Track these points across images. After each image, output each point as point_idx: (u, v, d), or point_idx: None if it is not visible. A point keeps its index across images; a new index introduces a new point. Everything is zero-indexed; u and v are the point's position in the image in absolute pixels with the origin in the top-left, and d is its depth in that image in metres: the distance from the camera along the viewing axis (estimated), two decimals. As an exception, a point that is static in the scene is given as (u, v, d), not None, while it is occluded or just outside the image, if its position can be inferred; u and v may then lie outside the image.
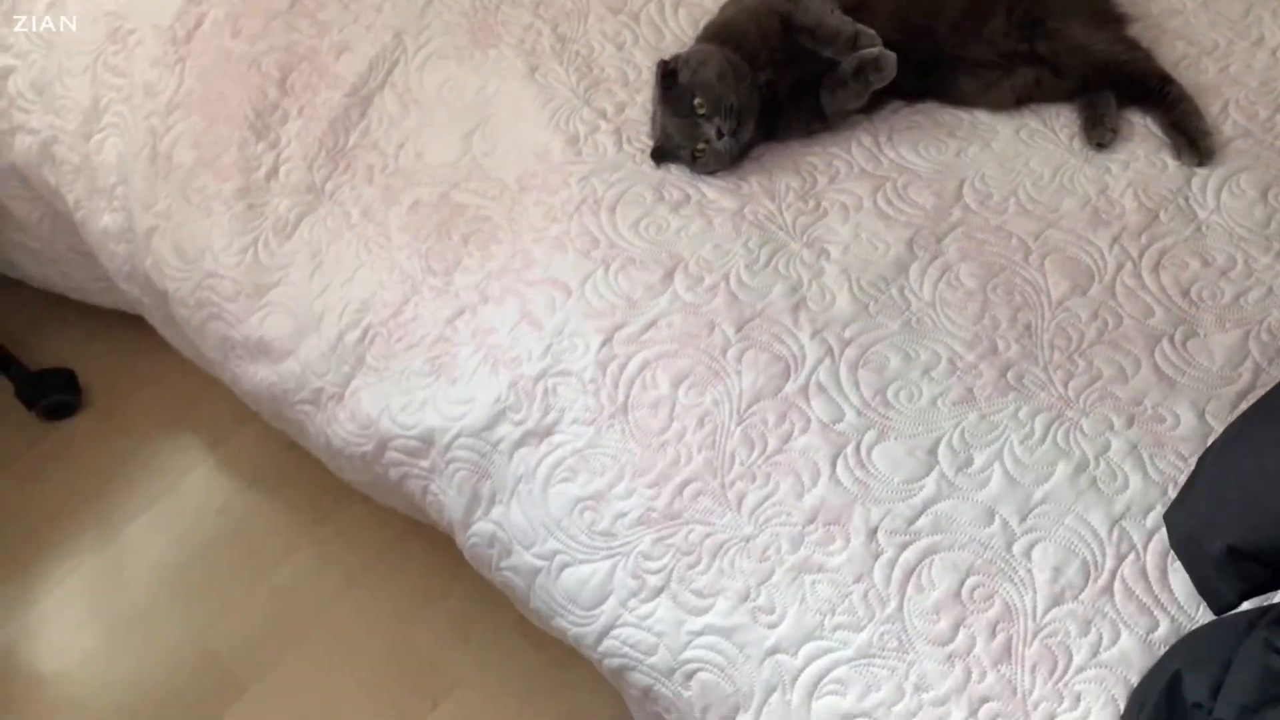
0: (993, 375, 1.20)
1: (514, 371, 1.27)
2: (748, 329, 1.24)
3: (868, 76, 1.33)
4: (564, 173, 1.38)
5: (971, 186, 1.35)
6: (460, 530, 1.33)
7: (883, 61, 1.33)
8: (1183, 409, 1.17)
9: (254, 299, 1.43)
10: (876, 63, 1.33)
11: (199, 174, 1.47)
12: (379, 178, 1.44)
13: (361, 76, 1.49)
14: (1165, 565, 1.08)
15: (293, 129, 1.48)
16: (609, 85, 1.46)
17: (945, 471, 1.15)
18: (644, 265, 1.29)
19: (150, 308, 1.61)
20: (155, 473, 1.76)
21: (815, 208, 1.34)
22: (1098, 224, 1.30)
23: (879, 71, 1.33)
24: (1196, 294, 1.25)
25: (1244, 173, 1.34)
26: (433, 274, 1.36)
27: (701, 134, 1.33)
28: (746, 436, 1.19)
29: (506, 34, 1.51)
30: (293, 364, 1.41)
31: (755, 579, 1.13)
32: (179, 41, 1.52)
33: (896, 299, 1.26)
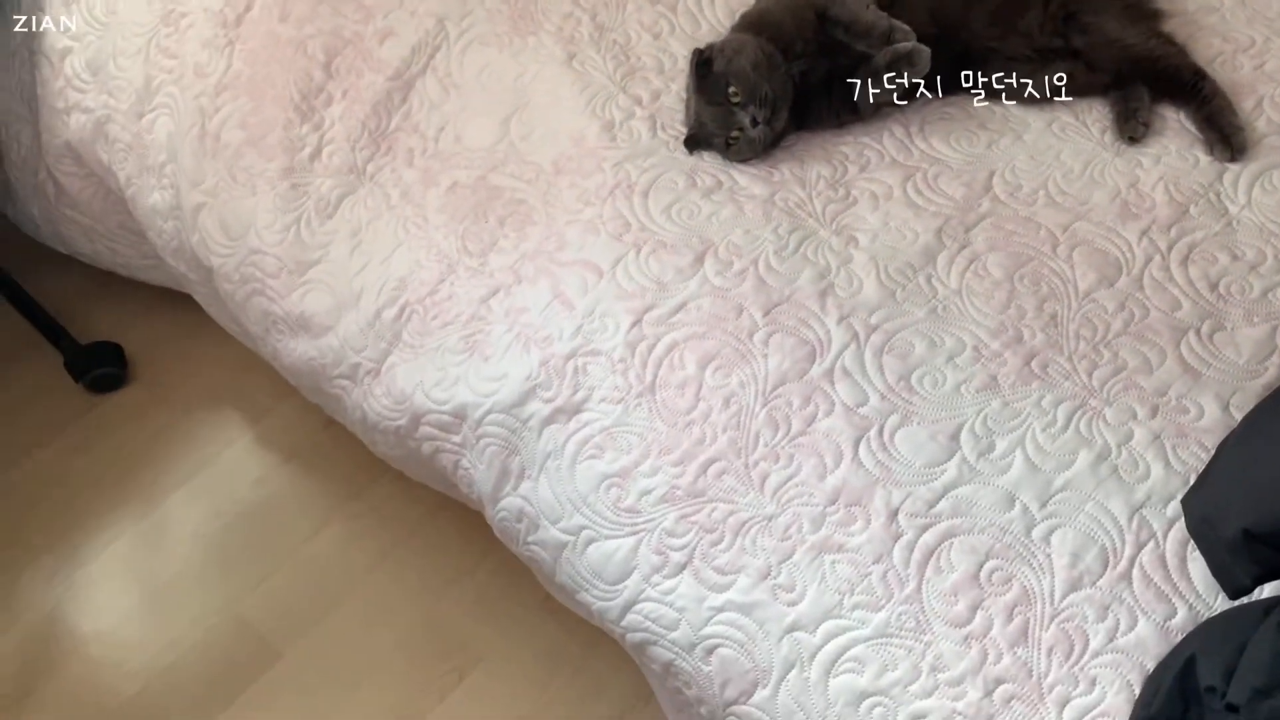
0: (1017, 363, 1.21)
1: (545, 350, 1.30)
2: (775, 313, 1.26)
3: (902, 70, 1.35)
4: (598, 158, 1.41)
5: (1001, 178, 1.36)
6: (489, 504, 1.36)
7: (916, 56, 1.34)
8: (1207, 401, 1.17)
9: (296, 275, 1.47)
10: (910, 57, 1.34)
11: (245, 153, 1.52)
12: (419, 160, 1.48)
13: (404, 61, 1.53)
14: (1185, 554, 1.09)
15: (336, 111, 1.52)
16: (645, 73, 1.49)
17: (967, 456, 1.16)
18: (675, 249, 1.32)
19: (196, 284, 1.66)
20: (196, 445, 1.81)
21: (845, 196, 1.36)
22: (1127, 217, 1.31)
23: (913, 66, 1.35)
24: (1225, 288, 1.25)
25: (1276, 169, 1.34)
26: (469, 254, 1.39)
27: (736, 122, 1.35)
28: (771, 418, 1.21)
29: (546, 22, 1.54)
30: (332, 339, 1.45)
31: (776, 557, 1.15)
32: (229, 25, 1.57)
33: (923, 287, 1.27)
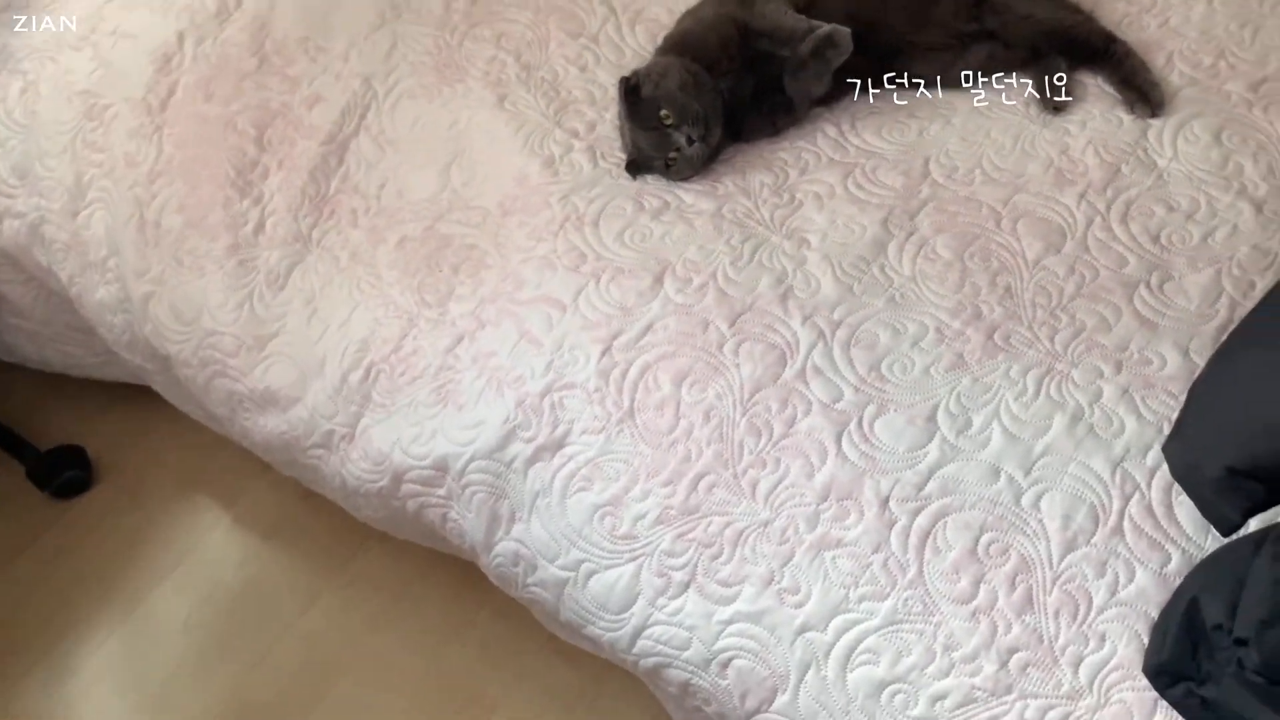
0: (980, 339, 1.24)
1: (519, 390, 1.30)
2: (740, 322, 1.28)
3: (826, 54, 1.38)
4: (544, 193, 1.42)
5: (937, 162, 1.39)
6: (483, 552, 1.35)
7: (837, 37, 1.38)
8: (1167, 349, 1.21)
9: (256, 351, 1.46)
10: (831, 39, 1.38)
11: (188, 236, 1.50)
12: (363, 220, 1.48)
13: (336, 124, 1.53)
14: (1170, 500, 1.11)
15: (274, 183, 1.52)
16: (578, 106, 1.50)
17: (946, 436, 1.18)
18: (633, 273, 1.33)
19: (154, 374, 1.64)
20: (174, 537, 1.78)
21: (790, 200, 1.38)
22: (1063, 183, 1.35)
23: (835, 47, 1.38)
24: (1166, 239, 1.29)
25: (1196, 119, 1.39)
26: (427, 306, 1.39)
27: (672, 143, 1.37)
28: (752, 425, 1.22)
29: (471, 68, 1.55)
30: (301, 410, 1.44)
31: (777, 562, 1.16)
32: (154, 111, 1.56)
33: (879, 277, 1.30)
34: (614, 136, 1.47)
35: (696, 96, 1.38)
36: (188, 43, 1.59)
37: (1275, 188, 1.32)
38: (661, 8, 1.58)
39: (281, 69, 1.57)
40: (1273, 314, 0.90)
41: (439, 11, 1.61)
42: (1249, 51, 1.46)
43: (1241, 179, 1.33)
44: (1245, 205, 1.31)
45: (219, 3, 1.62)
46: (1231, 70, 1.44)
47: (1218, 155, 1.35)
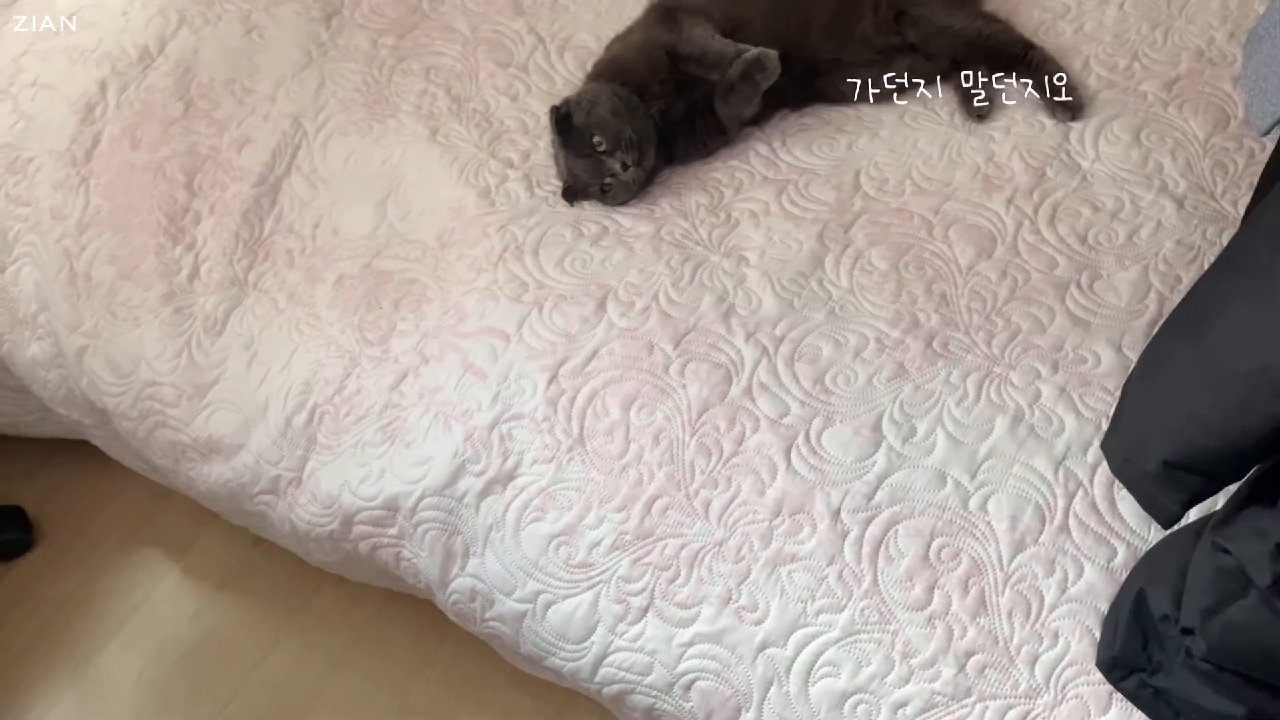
0: (919, 347, 1.25)
1: (467, 424, 1.29)
2: (685, 343, 1.29)
3: (754, 77, 1.40)
4: (482, 224, 1.42)
5: (867, 175, 1.41)
6: (439, 590, 1.34)
7: (765, 60, 1.39)
8: (1100, 347, 1.24)
9: (196, 400, 1.43)
10: (759, 62, 1.39)
11: (121, 287, 1.48)
12: (300, 260, 1.46)
13: (266, 165, 1.52)
14: (1112, 495, 1.14)
15: (207, 227, 1.50)
16: (511, 136, 1.51)
17: (892, 444, 1.20)
18: (576, 300, 1.33)
19: (91, 428, 1.60)
20: (121, 593, 1.74)
21: (727, 219, 1.39)
22: (991, 189, 1.38)
23: (763, 70, 1.40)
24: (1093, 239, 1.33)
25: (1115, 120, 1.43)
26: (369, 344, 1.38)
27: (607, 169, 1.38)
28: (702, 445, 1.22)
29: (402, 103, 1.55)
30: (246, 457, 1.41)
31: (734, 580, 1.17)
32: (79, 162, 1.53)
33: (817, 291, 1.31)
34: (549, 164, 1.47)
35: (629, 121, 1.39)
36: (110, 91, 1.57)
37: (1194, 184, 1.36)
38: (589, 34, 1.59)
39: (208, 112, 1.55)
40: (1197, 308, 0.92)
41: (366, 47, 1.61)
42: (1160, 52, 1.50)
43: (1162, 176, 1.37)
44: (1167, 202, 1.34)
45: (140, 49, 1.60)
46: (1145, 71, 1.48)
47: (1138, 154, 1.39)
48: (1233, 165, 1.37)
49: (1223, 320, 0.85)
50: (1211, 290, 0.90)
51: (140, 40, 1.60)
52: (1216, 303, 0.86)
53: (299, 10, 1.64)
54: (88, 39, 1.61)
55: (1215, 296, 0.88)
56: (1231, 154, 1.38)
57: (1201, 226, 1.32)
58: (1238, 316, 0.83)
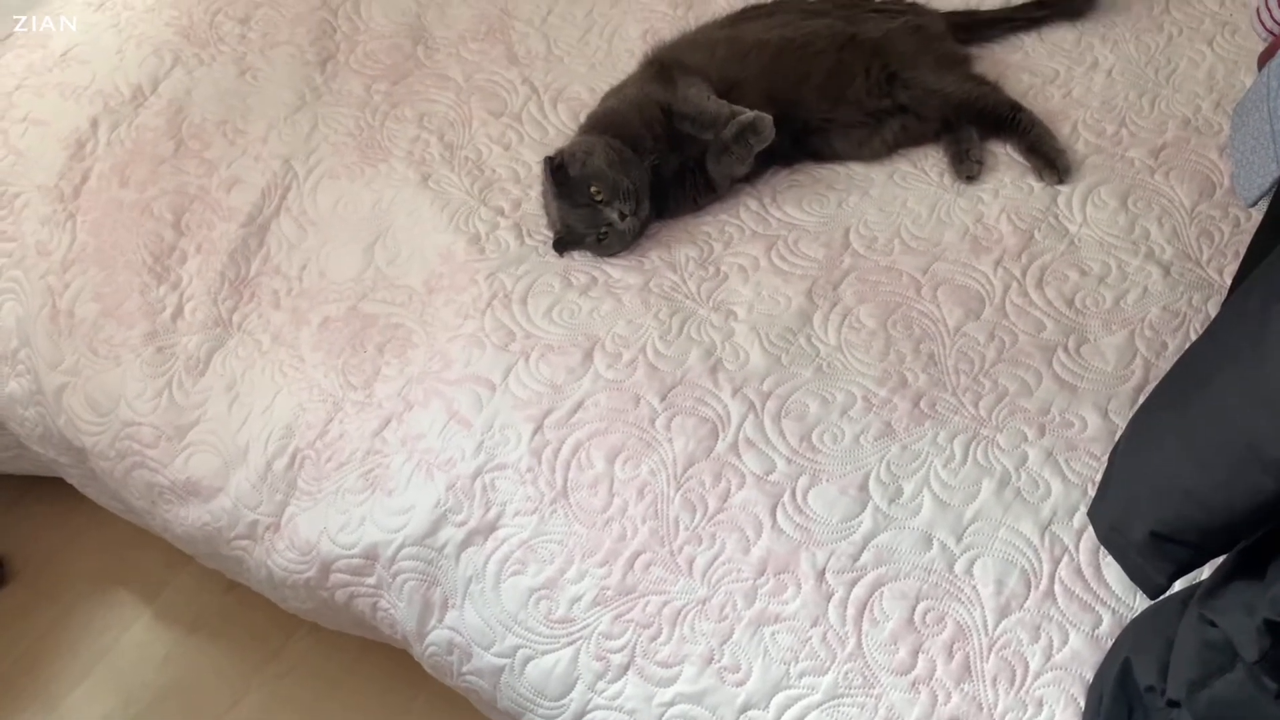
0: (907, 406, 1.25)
1: (449, 473, 1.28)
2: (671, 397, 1.28)
3: (748, 140, 1.41)
4: (470, 271, 1.41)
5: (857, 233, 1.42)
6: (416, 641, 1.32)
7: (759, 124, 1.40)
8: (1087, 411, 1.24)
9: (176, 441, 1.42)
10: (754, 125, 1.40)
11: (104, 325, 1.46)
12: (285, 301, 1.46)
13: (255, 206, 1.51)
14: (1098, 561, 1.13)
15: (193, 267, 1.49)
16: (502, 184, 1.51)
17: (879, 505, 1.19)
18: (562, 350, 1.33)
19: (67, 467, 1.58)
20: (91, 635, 1.71)
21: (716, 273, 1.39)
22: (979, 251, 1.38)
23: (758, 134, 1.41)
24: (1080, 303, 1.33)
25: (1102, 185, 1.44)
26: (353, 388, 1.37)
27: (603, 218, 1.38)
28: (687, 501, 1.21)
29: (394, 148, 1.55)
30: (224, 500, 1.39)
31: (717, 640, 1.15)
32: (66, 198, 1.52)
33: (805, 348, 1.31)
34: (540, 214, 1.47)
35: (626, 172, 1.39)
36: (102, 128, 1.57)
37: (1180, 251, 1.37)
38: (583, 86, 1.61)
39: (199, 152, 1.55)
40: (1183, 379, 0.92)
41: (360, 93, 1.61)
42: (1148, 119, 1.52)
43: (1148, 243, 1.38)
44: (1153, 268, 1.35)
45: (134, 88, 1.60)
46: (1133, 137, 1.50)
47: (1125, 220, 1.40)
48: (1218, 233, 1.39)
49: (1208, 393, 0.85)
50: (1198, 362, 0.90)
51: (134, 79, 1.60)
52: (1202, 375, 0.86)
53: (294, 53, 1.65)
54: (81, 76, 1.62)
55: (1201, 368, 0.88)
56: (1217, 222, 1.39)
57: (1187, 293, 1.33)
58: (1223, 389, 0.83)
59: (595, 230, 1.38)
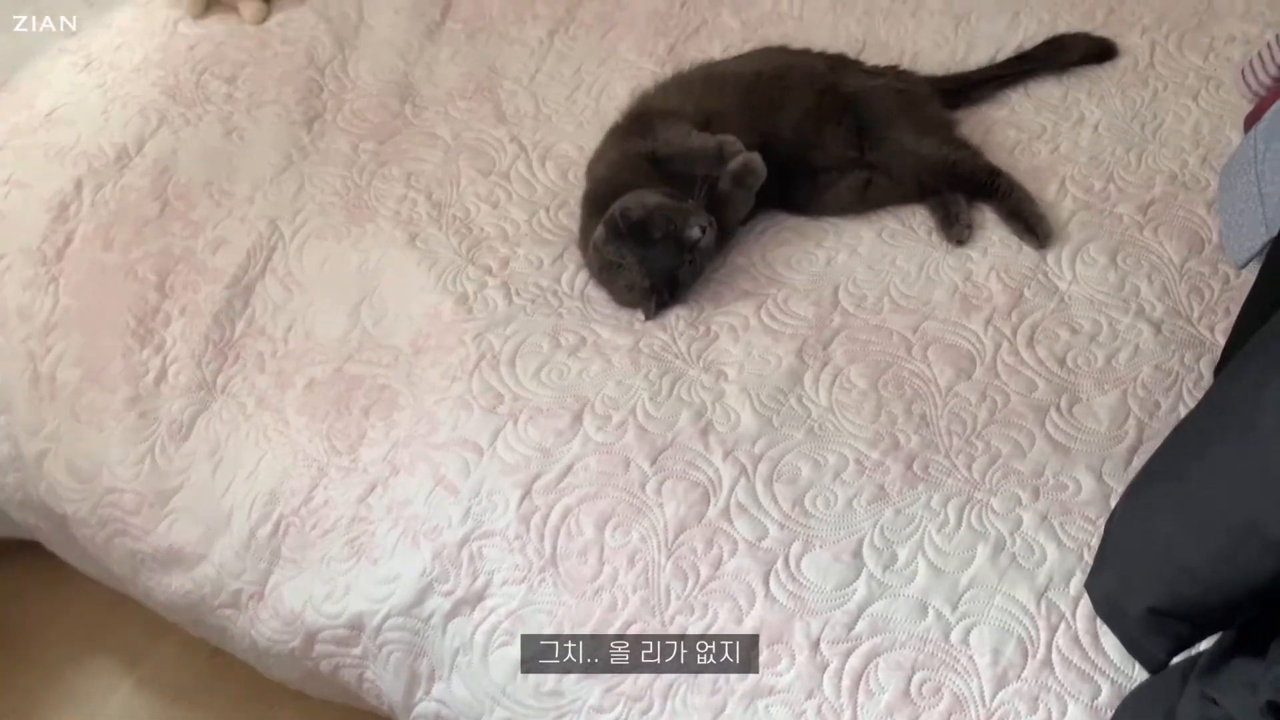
0: (900, 469, 1.24)
1: (436, 541, 1.26)
2: (662, 460, 1.26)
3: (746, 182, 1.41)
4: (458, 331, 1.40)
5: (846, 291, 1.41)
6: (403, 713, 1.29)
7: (751, 164, 1.40)
8: (1081, 474, 1.22)
9: (158, 508, 1.39)
10: (747, 167, 1.40)
11: (86, 390, 1.44)
12: (270, 363, 1.44)
13: (241, 267, 1.50)
14: (1095, 629, 1.11)
15: (177, 329, 1.47)
16: (490, 243, 1.50)
17: (873, 571, 1.17)
18: (551, 413, 1.31)
19: (47, 533, 1.55)
20: (72, 703, 1.67)
21: (706, 333, 1.38)
22: (969, 309, 1.38)
23: (753, 174, 1.41)
24: (1072, 362, 1.32)
25: (1091, 242, 1.44)
26: (337, 453, 1.35)
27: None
28: (678, 568, 1.19)
29: (381, 207, 1.54)
30: (207, 568, 1.37)
31: (710, 714, 1.13)
32: (49, 261, 1.51)
33: (796, 409, 1.30)
34: (528, 273, 1.46)
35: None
36: (86, 190, 1.55)
37: (1170, 308, 1.37)
38: (571, 144, 1.60)
39: (184, 213, 1.54)
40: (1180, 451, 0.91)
41: (347, 151, 1.61)
42: (1135, 175, 1.52)
43: (1139, 300, 1.38)
44: (1144, 326, 1.35)
45: (118, 149, 1.59)
46: (1121, 193, 1.50)
47: (1115, 277, 1.40)
48: (1209, 290, 1.38)
49: (1206, 467, 0.84)
50: (1195, 434, 0.89)
51: (118, 140, 1.60)
52: (1200, 448, 0.85)
53: (280, 113, 1.64)
54: (66, 137, 1.61)
55: (1198, 442, 0.87)
56: (1207, 279, 1.39)
57: (1179, 352, 1.32)
58: (1221, 464, 0.82)
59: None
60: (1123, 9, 1.74)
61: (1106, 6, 1.75)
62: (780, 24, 1.76)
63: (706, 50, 1.72)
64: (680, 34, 1.74)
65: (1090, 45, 1.67)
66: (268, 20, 1.77)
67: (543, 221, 1.52)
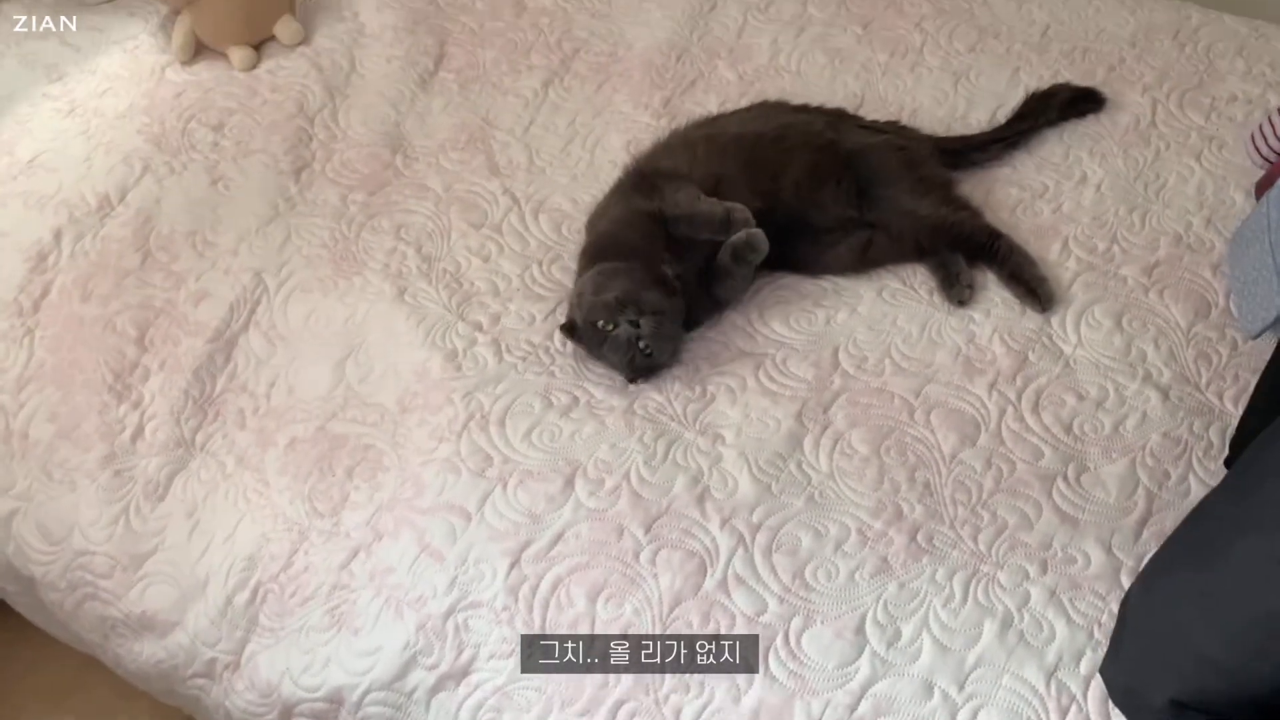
0: (903, 540, 1.20)
1: (420, 612, 1.21)
2: (656, 528, 1.22)
3: (747, 257, 1.37)
4: (446, 389, 1.36)
5: (846, 352, 1.37)
6: (383, 792, 1.23)
7: (754, 241, 1.37)
8: (1090, 546, 1.18)
9: (131, 571, 1.34)
10: (749, 244, 1.37)
11: (59, 447, 1.39)
12: (251, 420, 1.39)
13: (223, 320, 1.45)
14: (1107, 710, 1.07)
15: (155, 384, 1.42)
16: (481, 298, 1.46)
17: (876, 649, 1.12)
18: (542, 476, 1.27)
19: (15, 595, 1.49)
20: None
21: (702, 394, 1.35)
22: (972, 373, 1.34)
23: (755, 251, 1.37)
24: (1079, 429, 1.29)
25: (1096, 305, 1.41)
26: (319, 516, 1.30)
27: (624, 337, 1.30)
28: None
29: (370, 260, 1.51)
30: (180, 636, 1.31)
31: (706, 800, 1.08)
32: (25, 313, 1.46)
33: (796, 475, 1.26)
34: (520, 329, 1.42)
35: (611, 287, 1.33)
36: (65, 240, 1.51)
37: (1178, 373, 1.34)
38: (565, 197, 1.57)
39: (166, 265, 1.50)
40: (1202, 537, 0.87)
41: (336, 203, 1.57)
42: (1139, 236, 1.50)
43: (1145, 365, 1.34)
44: (1152, 392, 1.31)
45: (100, 197, 1.55)
46: (1125, 254, 1.47)
47: (1120, 341, 1.37)
48: (1216, 356, 1.35)
49: (1232, 557, 0.80)
50: (1218, 519, 0.86)
51: (101, 188, 1.56)
52: (1224, 536, 0.82)
53: (268, 162, 1.61)
54: (47, 184, 1.57)
55: (1223, 528, 0.83)
56: (1215, 344, 1.36)
57: (1188, 419, 1.29)
58: (1248, 555, 0.78)
59: (632, 351, 1.32)
60: (1123, 67, 1.73)
61: (1106, 64, 1.73)
62: (777, 78, 1.73)
63: (703, 103, 1.70)
64: (676, 87, 1.72)
65: (1074, 91, 1.66)
66: (257, 67, 1.74)
67: (535, 276, 1.48)
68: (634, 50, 1.77)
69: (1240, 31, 1.79)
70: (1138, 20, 1.81)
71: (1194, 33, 1.78)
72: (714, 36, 1.80)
